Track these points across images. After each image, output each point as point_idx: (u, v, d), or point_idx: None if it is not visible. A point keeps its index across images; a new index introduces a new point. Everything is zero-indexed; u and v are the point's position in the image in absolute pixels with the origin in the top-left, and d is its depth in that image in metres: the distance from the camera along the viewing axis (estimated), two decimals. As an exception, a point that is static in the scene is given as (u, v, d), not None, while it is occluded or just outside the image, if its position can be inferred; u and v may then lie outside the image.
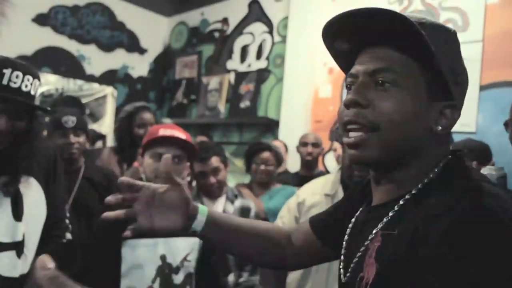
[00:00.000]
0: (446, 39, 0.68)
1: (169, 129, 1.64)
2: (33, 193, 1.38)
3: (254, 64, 4.26)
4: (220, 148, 2.22)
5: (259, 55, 4.23)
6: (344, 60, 0.77)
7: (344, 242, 0.78)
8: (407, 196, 0.67)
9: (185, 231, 0.89)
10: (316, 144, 3.17)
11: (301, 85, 3.75)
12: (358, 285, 0.66)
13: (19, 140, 1.26)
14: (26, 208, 1.34)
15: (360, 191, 0.87)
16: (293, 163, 3.40)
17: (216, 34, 4.65)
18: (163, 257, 1.56)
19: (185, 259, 1.59)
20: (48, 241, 1.43)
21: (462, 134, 2.74)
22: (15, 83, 1.21)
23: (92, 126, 4.36)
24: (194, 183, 2.49)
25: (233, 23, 4.49)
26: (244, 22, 4.39)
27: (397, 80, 0.66)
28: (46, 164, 1.44)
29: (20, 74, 1.22)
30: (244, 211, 2.19)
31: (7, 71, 1.20)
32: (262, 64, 4.19)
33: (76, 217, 1.95)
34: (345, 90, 3.16)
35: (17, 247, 1.31)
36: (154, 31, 5.05)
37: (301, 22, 3.80)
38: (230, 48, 4.49)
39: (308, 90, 3.72)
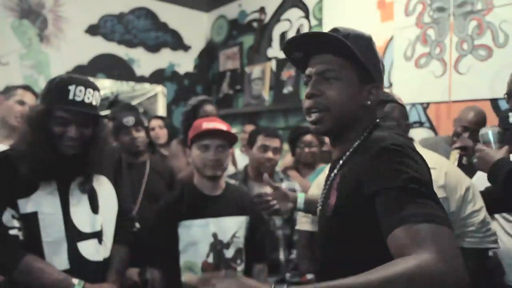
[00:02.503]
0: (365, 43, 1.03)
1: (211, 122, 1.80)
2: (105, 189, 1.60)
3: (293, 49, 4.33)
4: (282, 137, 2.39)
5: (297, 40, 4.29)
6: (300, 64, 1.10)
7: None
8: (350, 150, 1.04)
9: (294, 209, 1.66)
10: None
11: (341, 65, 3.77)
12: (326, 206, 1.04)
13: (88, 145, 1.47)
14: (101, 202, 1.56)
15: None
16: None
17: (255, 24, 4.76)
18: (214, 235, 1.74)
19: (234, 236, 1.77)
20: (121, 231, 1.65)
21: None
22: (79, 96, 1.41)
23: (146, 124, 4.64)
24: (239, 168, 2.65)
25: (270, 11, 4.59)
26: (281, 9, 4.47)
27: (337, 75, 1.01)
28: (113, 163, 1.67)
29: (82, 88, 1.42)
30: None
31: (71, 87, 1.40)
32: (301, 48, 4.25)
33: (148, 204, 2.21)
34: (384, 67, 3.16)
35: (97, 235, 1.53)
36: (196, 27, 5.25)
37: (336, 3, 3.83)
38: (269, 36, 4.59)
39: (348, 70, 3.75)
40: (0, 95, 2.54)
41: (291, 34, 4.35)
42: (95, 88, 1.47)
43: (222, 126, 1.79)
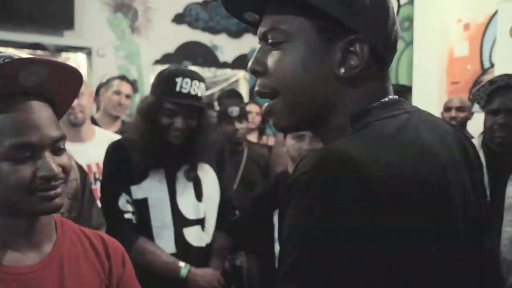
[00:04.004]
0: None
1: None
2: (209, 178, 1.64)
3: (380, 30, 4.13)
4: None
5: (384, 20, 4.08)
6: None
7: None
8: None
9: None
10: (461, 108, 2.94)
11: (434, 45, 3.53)
12: None
13: (193, 135, 1.52)
14: (205, 190, 1.61)
15: None
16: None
17: (338, 5, 4.60)
18: None
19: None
20: (223, 218, 1.68)
21: None
22: (185, 88, 1.45)
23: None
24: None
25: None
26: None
27: (286, 38, 0.62)
28: (216, 152, 1.70)
29: (189, 80, 1.46)
30: None
31: (178, 80, 1.45)
32: (388, 29, 4.04)
33: (243, 191, 2.27)
34: (485, 47, 2.92)
35: (201, 222, 1.59)
36: (277, 11, 5.20)
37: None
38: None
39: (441, 50, 3.50)
40: (100, 87, 2.73)
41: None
42: (201, 80, 1.51)
43: None
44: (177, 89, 1.45)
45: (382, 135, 0.58)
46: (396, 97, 0.65)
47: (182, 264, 1.49)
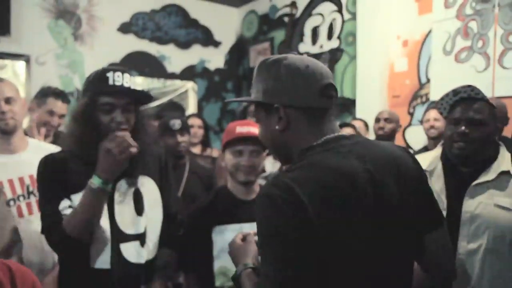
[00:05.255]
0: (256, 75, 1.02)
1: (245, 126, 1.75)
2: (150, 191, 1.58)
3: (326, 44, 4.24)
4: None
5: (330, 35, 4.20)
6: None
7: None
8: None
9: None
10: (388, 120, 3.11)
11: (376, 60, 3.67)
12: None
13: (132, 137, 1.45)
14: (146, 204, 1.54)
15: None
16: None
17: (286, 19, 4.68)
18: None
19: (267, 240, 1.72)
20: (168, 234, 1.63)
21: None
22: (118, 81, 1.42)
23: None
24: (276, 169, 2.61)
25: (301, 5, 4.50)
26: (312, 4, 4.37)
27: (258, 119, 1.05)
28: (159, 165, 1.64)
29: (120, 74, 1.43)
30: None
31: (109, 74, 1.42)
32: (334, 43, 4.16)
33: (185, 205, 2.20)
34: (421, 62, 3.09)
35: (140, 237, 1.51)
36: (226, 23, 5.22)
37: (370, -4, 3.70)
38: (301, 31, 4.51)
39: (383, 65, 3.64)
40: (34, 99, 2.56)
41: (323, 28, 4.27)
42: (131, 74, 1.49)
43: (255, 130, 1.74)
44: (110, 82, 1.41)
45: (313, 163, 0.91)
46: (339, 134, 0.99)
47: None
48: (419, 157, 1.90)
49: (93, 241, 1.43)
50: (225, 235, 1.69)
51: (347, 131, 2.79)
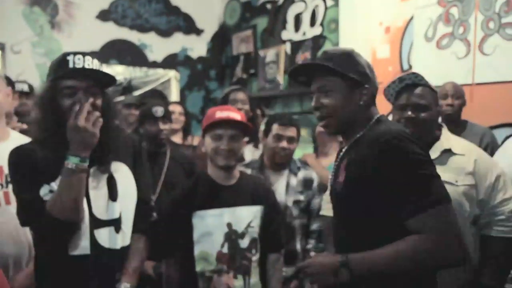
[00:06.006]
0: (345, 58, 1.28)
1: (225, 111, 1.75)
2: (124, 177, 1.56)
3: (308, 31, 4.21)
4: (299, 125, 2.35)
5: (313, 22, 4.17)
6: (307, 84, 1.38)
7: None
8: (352, 141, 1.29)
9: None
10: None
11: (358, 47, 3.55)
12: (336, 184, 1.30)
13: (102, 130, 1.41)
14: (120, 190, 1.52)
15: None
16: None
17: (268, 6, 4.63)
18: (229, 225, 1.71)
19: (249, 225, 1.74)
20: (140, 220, 1.61)
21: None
22: (79, 64, 1.39)
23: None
24: (256, 156, 2.59)
25: (284, -8, 4.45)
26: (295, -10, 4.33)
27: (331, 88, 1.27)
28: (132, 151, 1.62)
29: (81, 56, 1.40)
30: (307, 182, 2.27)
31: (70, 57, 1.39)
32: (316, 31, 4.13)
33: (167, 193, 2.18)
34: (403, 49, 3.12)
35: (115, 223, 1.50)
36: (208, 10, 5.14)
37: (353, -18, 3.68)
38: (284, 18, 4.47)
39: (365, 52, 3.62)
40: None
41: (306, 15, 4.24)
42: (94, 57, 1.45)
43: (235, 115, 1.74)
44: (70, 65, 1.38)
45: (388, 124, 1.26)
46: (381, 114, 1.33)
47: None
48: None
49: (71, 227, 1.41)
50: (205, 220, 1.70)
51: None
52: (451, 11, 3.07)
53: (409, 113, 1.61)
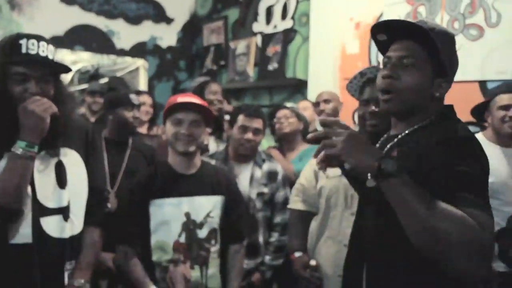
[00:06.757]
0: (447, 40, 1.10)
1: (186, 97, 1.72)
2: (74, 164, 1.49)
3: (280, 24, 4.19)
4: (265, 116, 2.33)
5: (284, 15, 4.15)
6: (382, 46, 1.19)
7: None
8: (411, 129, 1.12)
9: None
10: (328, 100, 3.11)
11: (328, 42, 3.66)
12: None
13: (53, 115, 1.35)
14: (69, 177, 1.46)
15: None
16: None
17: (240, -3, 4.59)
18: (187, 214, 1.68)
19: (208, 215, 1.71)
20: (93, 211, 1.55)
21: (498, 81, 2.62)
22: (33, 50, 1.31)
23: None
24: (220, 148, 2.56)
25: (256, -16, 4.41)
26: (267, -18, 4.30)
27: (415, 63, 1.09)
28: (85, 138, 1.55)
29: (35, 41, 1.32)
30: (272, 175, 2.25)
31: (23, 41, 1.31)
32: (287, 24, 4.12)
33: (127, 182, 2.11)
34: (373, 45, 3.13)
35: (63, 211, 1.43)
36: (179, -1, 5.04)
37: (324, -24, 3.68)
38: (255, 10, 4.43)
39: (335, 47, 3.64)
40: None
41: (277, 8, 4.21)
42: (48, 42, 1.38)
43: (197, 101, 1.71)
44: (23, 50, 1.31)
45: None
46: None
47: None
48: None
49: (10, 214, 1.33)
50: (162, 209, 1.67)
51: (283, 113, 2.77)
52: (419, 9, 3.11)
53: (373, 107, 1.60)
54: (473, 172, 0.98)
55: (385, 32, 1.16)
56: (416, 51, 1.09)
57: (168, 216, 1.66)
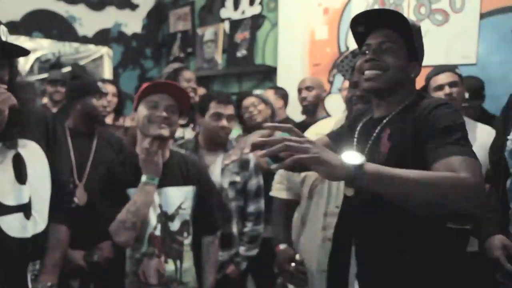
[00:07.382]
0: (417, 29, 1.24)
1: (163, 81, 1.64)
2: (34, 157, 1.39)
3: (248, 10, 4.12)
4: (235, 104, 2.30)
5: (252, 1, 4.08)
6: (359, 38, 1.30)
7: (355, 141, 1.32)
8: (399, 109, 1.24)
9: None
10: (310, 88, 3.10)
11: (297, 28, 3.63)
12: (376, 158, 1.18)
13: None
14: (30, 171, 1.35)
15: (354, 121, 1.42)
16: (295, 112, 3.35)
17: (207, -18, 4.48)
18: (160, 206, 1.61)
19: (179, 207, 1.64)
20: (57, 207, 1.46)
21: (463, 66, 2.67)
22: None
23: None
24: (190, 136, 2.50)
25: (223, -32, 4.31)
26: (234, -33, 4.21)
27: (392, 47, 1.22)
28: (45, 128, 1.45)
29: None
30: (244, 163, 2.19)
31: None
32: (256, 9, 4.05)
33: (96, 173, 2.02)
34: (341, 31, 3.11)
35: (24, 209, 1.33)
36: (144, -16, 4.88)
37: (292, -39, 3.63)
38: (223, -5, 4.34)
39: (304, 33, 3.62)
40: None
41: (245, -7, 4.14)
42: (0, 23, 1.26)
43: (176, 84, 1.65)
44: None
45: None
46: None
47: None
48: (322, 123, 1.95)
49: None
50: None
51: (250, 100, 2.73)
52: (386, -6, 3.12)
53: (360, 91, 1.53)
54: (453, 124, 1.12)
55: (364, 24, 1.27)
56: (393, 37, 1.22)
57: None
